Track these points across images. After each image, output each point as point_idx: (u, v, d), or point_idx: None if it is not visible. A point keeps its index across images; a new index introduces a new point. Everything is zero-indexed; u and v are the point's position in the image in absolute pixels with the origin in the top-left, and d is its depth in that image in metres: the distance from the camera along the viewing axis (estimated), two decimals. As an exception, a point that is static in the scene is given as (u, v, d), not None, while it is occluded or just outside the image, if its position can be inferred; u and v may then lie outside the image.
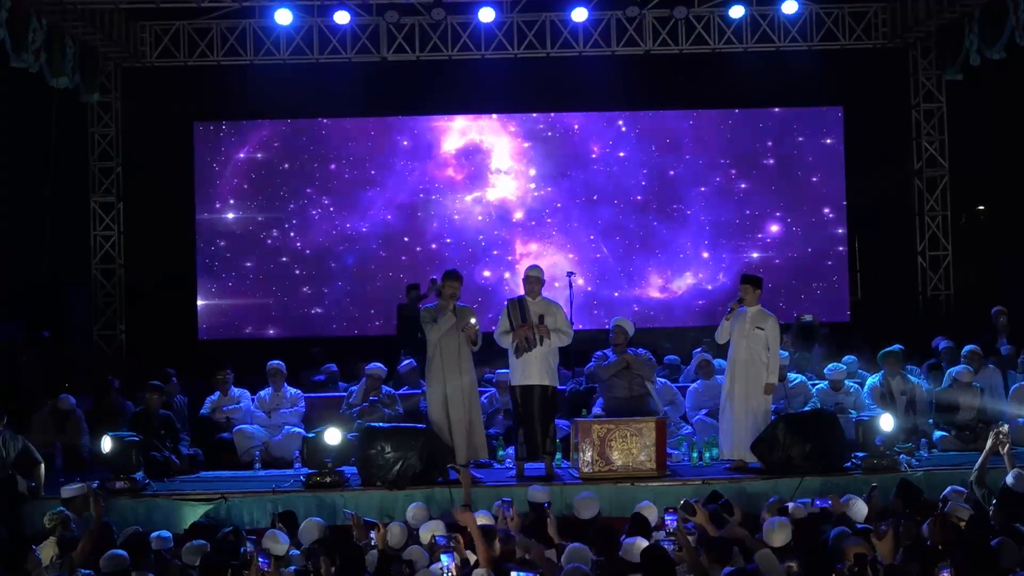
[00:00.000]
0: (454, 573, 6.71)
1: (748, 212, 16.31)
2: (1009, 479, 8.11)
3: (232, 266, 16.19)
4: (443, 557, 6.82)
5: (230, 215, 16.23)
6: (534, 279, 10.47)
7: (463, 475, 9.15)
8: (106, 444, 9.88)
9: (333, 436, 10.06)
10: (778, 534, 7.17)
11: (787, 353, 11.96)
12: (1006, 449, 8.46)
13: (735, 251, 16.28)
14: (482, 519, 7.71)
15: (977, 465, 8.55)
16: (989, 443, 8.60)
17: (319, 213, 16.25)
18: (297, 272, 16.21)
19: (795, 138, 16.41)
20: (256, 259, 16.20)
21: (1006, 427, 8.64)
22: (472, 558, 7.22)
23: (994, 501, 8.03)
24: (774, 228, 16.34)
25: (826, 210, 16.34)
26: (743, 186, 16.34)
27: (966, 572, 6.21)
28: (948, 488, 8.21)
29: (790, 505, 8.05)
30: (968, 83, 14.79)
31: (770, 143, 16.38)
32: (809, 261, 16.31)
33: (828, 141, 16.38)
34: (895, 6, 15.06)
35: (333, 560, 6.88)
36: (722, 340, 10.62)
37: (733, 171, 16.33)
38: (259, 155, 16.27)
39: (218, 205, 16.24)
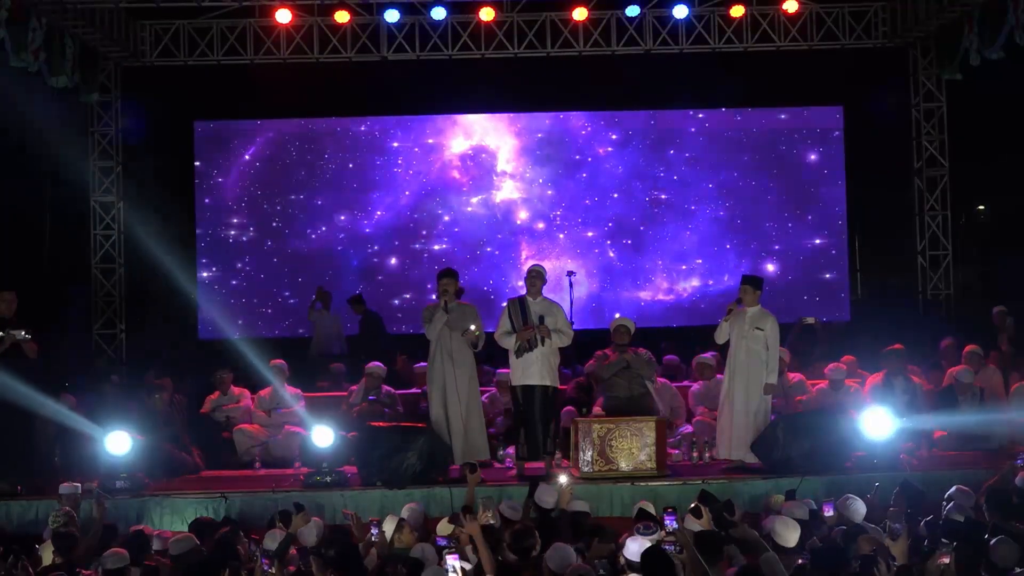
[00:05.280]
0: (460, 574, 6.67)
1: (748, 212, 16.31)
2: (1019, 481, 8.14)
3: (232, 266, 16.19)
4: (447, 558, 6.80)
5: (230, 215, 16.22)
6: (536, 275, 10.47)
7: (471, 477, 9.08)
8: (107, 444, 9.89)
9: (322, 436, 10.02)
10: (791, 534, 7.16)
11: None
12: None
13: (735, 251, 16.28)
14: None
15: (984, 488, 8.53)
16: (1001, 475, 8.62)
17: (319, 213, 16.24)
18: (297, 272, 16.21)
19: (795, 138, 16.42)
20: (256, 259, 16.20)
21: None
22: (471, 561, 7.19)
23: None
24: (774, 228, 16.34)
25: (826, 210, 16.34)
26: (743, 186, 16.34)
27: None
28: (953, 488, 8.18)
29: (787, 505, 8.04)
30: (968, 83, 14.78)
31: (770, 143, 16.38)
32: (809, 261, 16.30)
33: (828, 140, 16.39)
34: (895, 6, 15.05)
35: (327, 562, 6.85)
36: (721, 340, 10.63)
37: (733, 171, 16.32)
38: (259, 155, 16.27)
39: (218, 205, 16.24)
